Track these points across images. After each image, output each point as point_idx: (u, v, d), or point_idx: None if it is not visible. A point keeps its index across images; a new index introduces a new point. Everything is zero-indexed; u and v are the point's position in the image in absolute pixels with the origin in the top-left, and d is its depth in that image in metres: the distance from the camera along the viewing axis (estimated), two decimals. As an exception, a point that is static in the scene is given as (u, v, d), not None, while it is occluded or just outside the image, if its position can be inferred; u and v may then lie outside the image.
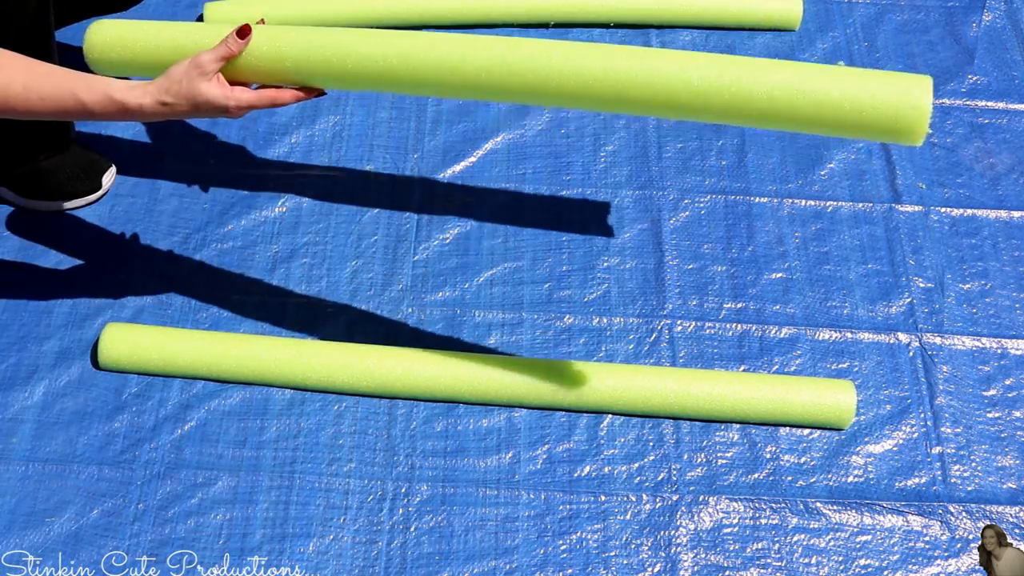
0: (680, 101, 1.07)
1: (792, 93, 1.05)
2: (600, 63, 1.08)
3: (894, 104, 1.03)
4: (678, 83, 1.07)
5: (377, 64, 1.11)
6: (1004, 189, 1.61)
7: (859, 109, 1.04)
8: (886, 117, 1.03)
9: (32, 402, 1.34)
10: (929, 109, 1.02)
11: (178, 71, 1.08)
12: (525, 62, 1.09)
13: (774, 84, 1.05)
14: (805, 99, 1.05)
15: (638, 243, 1.53)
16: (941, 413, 1.38)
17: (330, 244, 1.51)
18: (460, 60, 1.10)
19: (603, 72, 1.08)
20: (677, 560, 1.26)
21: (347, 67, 1.12)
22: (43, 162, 1.46)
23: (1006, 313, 1.48)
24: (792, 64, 1.07)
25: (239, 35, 1.10)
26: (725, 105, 1.06)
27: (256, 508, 1.27)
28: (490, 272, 1.49)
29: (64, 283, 1.44)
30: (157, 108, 1.08)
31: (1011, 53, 1.78)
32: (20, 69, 1.08)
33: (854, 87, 1.04)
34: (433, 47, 1.11)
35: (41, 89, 1.07)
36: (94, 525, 1.25)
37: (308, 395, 1.36)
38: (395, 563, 1.24)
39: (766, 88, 1.05)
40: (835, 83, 1.04)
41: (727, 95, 1.06)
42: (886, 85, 1.04)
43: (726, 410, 1.34)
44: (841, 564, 1.26)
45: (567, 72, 1.08)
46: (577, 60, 1.08)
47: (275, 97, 1.12)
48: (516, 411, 1.36)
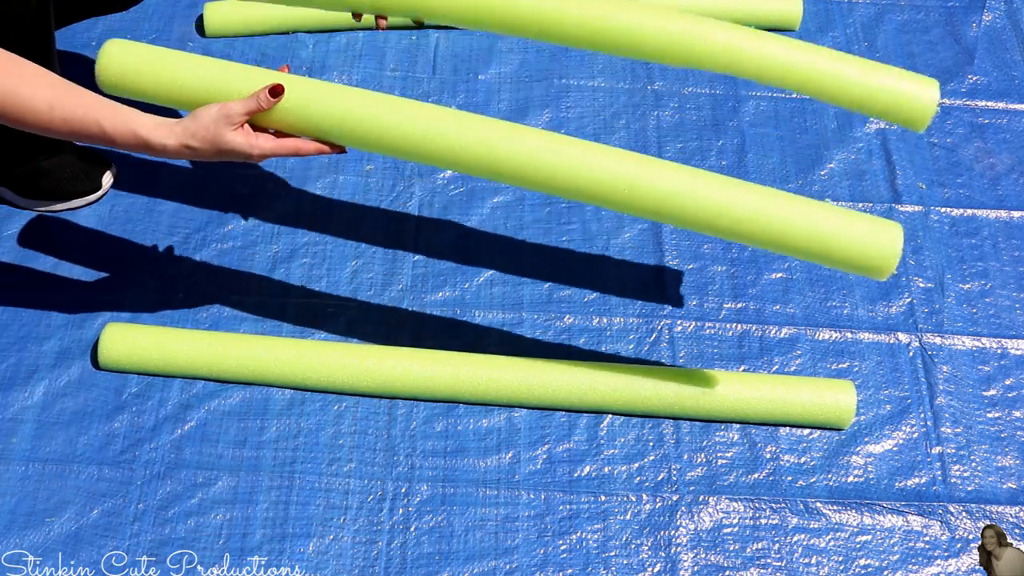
0: (681, 218, 1.16)
1: (785, 230, 1.15)
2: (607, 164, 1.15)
3: (863, 249, 1.14)
4: (678, 200, 1.15)
5: (404, 135, 1.14)
6: (1004, 189, 1.61)
7: (830, 250, 1.14)
8: (854, 258, 1.15)
9: (32, 402, 1.34)
10: (898, 253, 1.13)
11: (206, 117, 1.08)
12: (543, 157, 1.14)
13: (769, 214, 1.14)
14: (795, 234, 1.15)
15: (638, 243, 1.53)
16: (941, 413, 1.38)
17: (330, 244, 1.51)
18: (486, 146, 1.15)
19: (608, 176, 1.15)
20: (677, 560, 1.26)
21: (372, 134, 1.14)
22: (43, 162, 1.46)
23: (1006, 313, 1.48)
24: (786, 200, 1.16)
25: (272, 94, 1.10)
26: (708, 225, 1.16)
27: (256, 508, 1.27)
28: (490, 272, 1.49)
29: (64, 283, 1.44)
30: (180, 150, 1.09)
31: (1011, 53, 1.78)
32: (46, 86, 1.07)
33: (833, 229, 1.14)
34: (460, 126, 1.15)
35: (65, 111, 1.06)
36: (94, 525, 1.25)
37: (308, 395, 1.36)
38: (395, 563, 1.24)
39: (761, 217, 1.14)
40: (817, 223, 1.14)
41: (716, 223, 1.15)
42: (856, 232, 1.14)
43: (726, 410, 1.34)
44: (841, 564, 1.26)
45: (582, 171, 1.14)
46: (590, 160, 1.15)
47: (296, 148, 1.13)
48: (516, 411, 1.36)
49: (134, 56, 1.16)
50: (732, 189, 1.15)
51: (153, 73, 1.15)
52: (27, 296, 1.43)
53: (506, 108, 1.66)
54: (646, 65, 1.73)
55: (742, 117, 1.68)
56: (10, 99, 1.05)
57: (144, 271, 1.46)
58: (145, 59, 1.15)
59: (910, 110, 1.17)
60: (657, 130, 1.66)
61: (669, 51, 1.20)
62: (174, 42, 1.71)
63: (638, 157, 1.17)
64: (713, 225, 1.15)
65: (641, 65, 1.73)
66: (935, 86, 1.17)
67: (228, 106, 1.09)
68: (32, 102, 1.05)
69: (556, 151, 1.15)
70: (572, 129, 1.65)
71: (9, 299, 1.42)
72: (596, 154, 1.15)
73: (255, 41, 1.72)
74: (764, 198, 1.15)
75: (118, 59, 1.15)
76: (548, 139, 1.16)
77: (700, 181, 1.15)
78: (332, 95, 1.14)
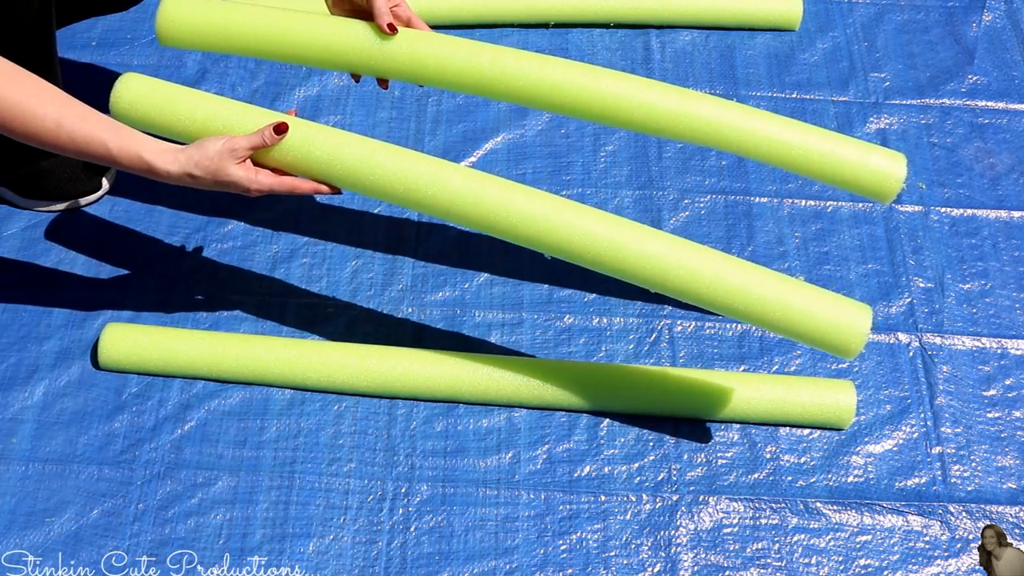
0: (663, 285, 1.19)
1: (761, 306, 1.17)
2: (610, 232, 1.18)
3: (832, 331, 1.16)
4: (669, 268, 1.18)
5: (403, 184, 1.18)
6: (1004, 189, 1.61)
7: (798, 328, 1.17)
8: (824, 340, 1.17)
9: (32, 402, 1.34)
10: (863, 340, 1.15)
11: (211, 148, 1.12)
12: (536, 214, 1.17)
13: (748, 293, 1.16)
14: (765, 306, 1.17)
15: (638, 243, 1.53)
16: (941, 413, 1.38)
17: (330, 244, 1.51)
18: (475, 200, 1.17)
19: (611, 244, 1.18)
20: (677, 560, 1.26)
21: (367, 180, 1.18)
22: (43, 162, 1.46)
23: (1006, 313, 1.48)
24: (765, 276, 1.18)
25: (276, 131, 1.14)
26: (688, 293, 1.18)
27: (256, 508, 1.27)
28: (490, 272, 1.49)
29: (64, 283, 1.44)
30: (183, 177, 1.12)
31: (1011, 53, 1.78)
32: (55, 103, 1.09)
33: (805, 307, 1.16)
34: (452, 180, 1.18)
35: (73, 129, 1.09)
36: (94, 525, 1.25)
37: (308, 395, 1.36)
38: (395, 563, 1.24)
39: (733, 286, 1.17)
40: (788, 301, 1.16)
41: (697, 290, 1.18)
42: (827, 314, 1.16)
43: (726, 410, 1.34)
44: (841, 564, 1.26)
45: (573, 233, 1.17)
46: (586, 224, 1.17)
47: (294, 186, 1.17)
48: (516, 411, 1.36)
49: (148, 90, 1.20)
50: (714, 261, 1.18)
51: (167, 108, 1.19)
52: (27, 296, 1.43)
53: (506, 108, 1.66)
54: (646, 65, 1.73)
55: (742, 117, 1.68)
56: (18, 114, 1.07)
57: (144, 271, 1.46)
58: (159, 94, 1.20)
59: (877, 184, 1.19)
60: (657, 130, 1.66)
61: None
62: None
63: (619, 221, 1.19)
64: (699, 298, 1.18)
65: (641, 65, 1.73)
66: (902, 161, 1.20)
67: (233, 140, 1.13)
68: (41, 119, 1.08)
69: (542, 209, 1.18)
70: (572, 128, 1.65)
71: (9, 299, 1.42)
72: (606, 223, 1.18)
73: (255, 41, 1.72)
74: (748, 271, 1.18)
75: (134, 90, 1.20)
76: (544, 199, 1.19)
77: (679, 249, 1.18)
78: (333, 139, 1.18)
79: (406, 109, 1.66)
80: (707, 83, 1.72)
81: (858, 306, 1.17)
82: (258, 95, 1.66)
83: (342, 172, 1.18)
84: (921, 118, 1.69)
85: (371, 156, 1.18)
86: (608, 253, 1.17)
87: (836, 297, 1.17)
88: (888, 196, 1.21)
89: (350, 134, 1.20)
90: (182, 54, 1.69)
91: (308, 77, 1.68)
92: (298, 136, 1.17)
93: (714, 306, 1.18)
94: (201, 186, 1.14)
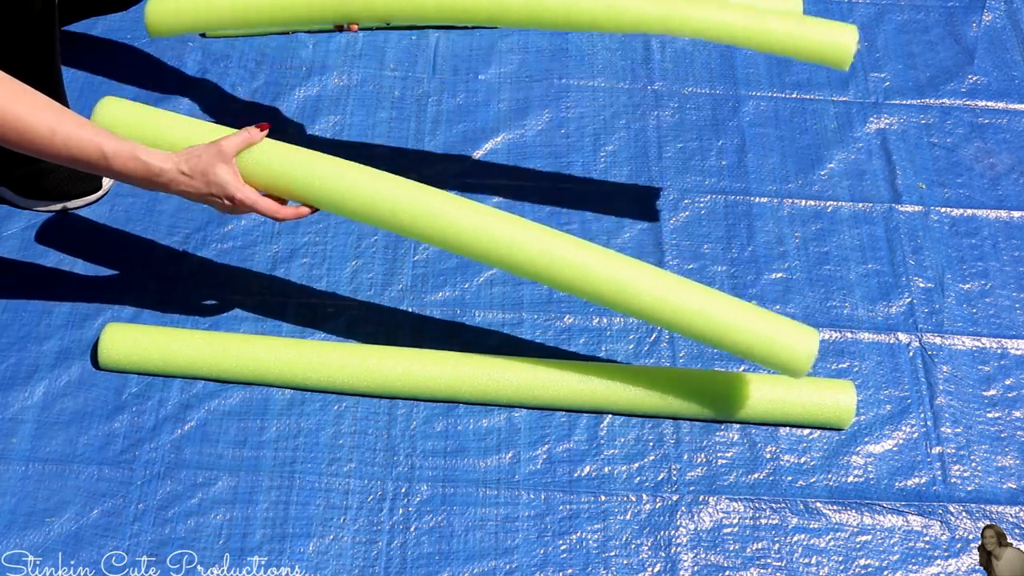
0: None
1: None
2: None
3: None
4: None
5: (381, 211, 1.22)
6: (1004, 189, 1.61)
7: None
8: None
9: (32, 402, 1.34)
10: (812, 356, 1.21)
11: (200, 148, 1.17)
12: (516, 248, 1.21)
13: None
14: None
15: (638, 243, 1.53)
16: (941, 413, 1.38)
17: (330, 244, 1.51)
18: (455, 227, 1.21)
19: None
20: (677, 560, 1.26)
21: (350, 206, 1.23)
22: (43, 163, 1.46)
23: (1006, 313, 1.48)
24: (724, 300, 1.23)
25: (259, 128, 1.21)
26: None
27: (256, 508, 1.27)
28: (490, 272, 1.49)
29: (64, 283, 1.44)
30: (176, 175, 1.16)
31: (1011, 53, 1.78)
32: (50, 111, 1.11)
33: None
34: (432, 206, 1.22)
35: (68, 135, 1.11)
36: (94, 525, 1.25)
37: (308, 395, 1.36)
38: (395, 563, 1.24)
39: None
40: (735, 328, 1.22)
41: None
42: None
43: (726, 410, 1.34)
44: (841, 564, 1.26)
45: (555, 266, 1.22)
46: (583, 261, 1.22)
47: (275, 210, 1.21)
48: (516, 411, 1.36)
49: (129, 111, 1.26)
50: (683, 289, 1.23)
51: (146, 132, 1.25)
52: (27, 296, 1.43)
53: (506, 108, 1.66)
54: (646, 65, 1.73)
55: (742, 117, 1.68)
56: (12, 122, 1.09)
57: (144, 271, 1.46)
58: (140, 117, 1.26)
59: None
60: (657, 130, 1.66)
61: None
62: (174, 41, 1.71)
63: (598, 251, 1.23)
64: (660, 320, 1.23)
65: (641, 65, 1.73)
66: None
67: (220, 141, 1.18)
68: (35, 126, 1.10)
69: (497, 225, 1.22)
70: (572, 128, 1.65)
71: (9, 299, 1.42)
72: (599, 256, 1.23)
73: (255, 41, 1.73)
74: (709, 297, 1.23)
75: (115, 109, 1.26)
76: (493, 216, 1.23)
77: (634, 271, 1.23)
78: (314, 161, 1.23)
79: (406, 109, 1.66)
80: (707, 83, 1.72)
81: (803, 329, 1.23)
82: (258, 95, 1.66)
83: (319, 194, 1.22)
84: (921, 118, 1.69)
85: (350, 178, 1.23)
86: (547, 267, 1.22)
87: (780, 319, 1.24)
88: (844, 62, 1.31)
89: (327, 157, 1.24)
90: (182, 54, 1.69)
91: (308, 77, 1.69)
92: (278, 157, 1.22)
93: (661, 325, 1.24)
94: (193, 190, 1.17)
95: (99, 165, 1.13)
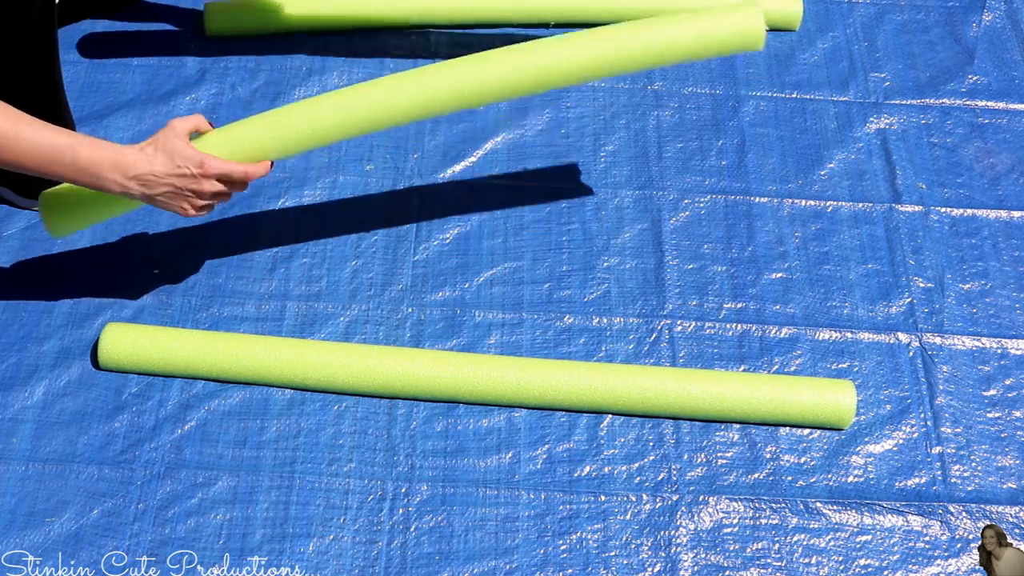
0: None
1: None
2: None
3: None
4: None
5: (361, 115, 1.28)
6: (1004, 189, 1.61)
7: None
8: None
9: (32, 402, 1.34)
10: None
11: (158, 131, 1.20)
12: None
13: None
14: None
15: (638, 243, 1.53)
16: (941, 413, 1.38)
17: (330, 244, 1.51)
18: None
19: None
20: (677, 560, 1.26)
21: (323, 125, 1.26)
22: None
23: (1006, 313, 1.48)
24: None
25: (209, 121, 1.26)
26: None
27: (256, 508, 1.27)
28: (490, 272, 1.49)
29: (64, 283, 1.44)
30: (138, 155, 1.17)
31: (1011, 53, 1.78)
32: (15, 118, 1.11)
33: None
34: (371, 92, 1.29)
35: (32, 136, 1.11)
36: (94, 525, 1.25)
37: (308, 395, 1.36)
38: (395, 563, 1.24)
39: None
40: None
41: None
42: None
43: (726, 410, 1.34)
44: (841, 564, 1.26)
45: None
46: None
47: (246, 168, 1.22)
48: (516, 411, 1.36)
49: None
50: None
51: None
52: (27, 296, 1.43)
53: (506, 108, 1.66)
54: (646, 65, 1.73)
55: (742, 117, 1.68)
56: None
57: (144, 271, 1.46)
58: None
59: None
60: (657, 130, 1.66)
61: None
62: (174, 41, 1.71)
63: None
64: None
65: (641, 65, 1.73)
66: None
67: (171, 121, 1.20)
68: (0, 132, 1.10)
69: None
70: (572, 128, 1.65)
71: (9, 299, 1.42)
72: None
73: (254, 42, 1.72)
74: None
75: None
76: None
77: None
78: (267, 116, 1.27)
79: (406, 109, 1.66)
80: (707, 83, 1.72)
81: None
82: (258, 95, 1.66)
83: (280, 138, 1.25)
84: (921, 118, 1.69)
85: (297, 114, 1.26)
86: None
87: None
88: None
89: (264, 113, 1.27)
90: (182, 54, 1.69)
91: (308, 77, 1.68)
92: (234, 131, 1.25)
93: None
94: (160, 170, 1.17)
95: (66, 167, 1.13)
